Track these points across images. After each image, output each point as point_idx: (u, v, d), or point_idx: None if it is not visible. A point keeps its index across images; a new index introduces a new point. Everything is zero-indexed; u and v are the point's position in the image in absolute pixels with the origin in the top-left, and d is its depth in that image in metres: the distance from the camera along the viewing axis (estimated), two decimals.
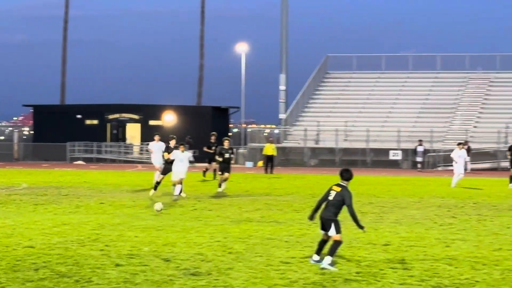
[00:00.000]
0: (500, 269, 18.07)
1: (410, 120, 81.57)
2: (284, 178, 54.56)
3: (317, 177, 57.34)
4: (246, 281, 16.37)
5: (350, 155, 77.49)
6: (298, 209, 31.87)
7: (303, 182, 51.05)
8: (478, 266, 18.53)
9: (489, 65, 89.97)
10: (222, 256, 19.66)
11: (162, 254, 19.32)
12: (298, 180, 54.08)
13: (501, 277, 17.14)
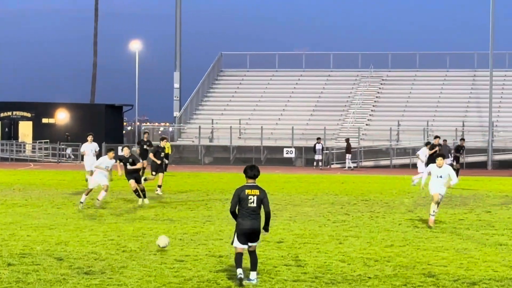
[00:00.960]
0: (391, 265, 18.39)
1: (304, 118, 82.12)
2: (178, 176, 54.35)
3: (211, 175, 57.55)
4: (140, 280, 16.36)
5: (244, 153, 77.91)
6: (192, 207, 31.94)
7: (197, 180, 51.01)
8: (371, 262, 18.82)
9: (381, 64, 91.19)
10: (116, 255, 19.61)
11: (55, 253, 19.12)
12: (192, 178, 54.08)
13: (393, 273, 17.42)
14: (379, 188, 44.83)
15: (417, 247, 21.41)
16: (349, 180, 53.07)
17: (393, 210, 31.87)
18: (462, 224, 26.76)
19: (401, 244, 21.91)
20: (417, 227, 25.88)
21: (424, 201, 35.04)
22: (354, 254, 19.94)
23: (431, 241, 22.50)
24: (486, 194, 40.44)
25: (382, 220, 28.11)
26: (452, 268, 17.99)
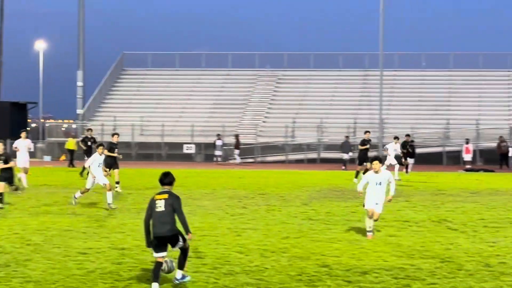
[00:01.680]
0: (287, 256, 18.58)
1: (204, 115, 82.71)
2: None
3: None
4: (44, 272, 16.22)
5: (146, 149, 78.18)
6: (96, 201, 31.68)
7: None
8: (267, 253, 18.98)
9: (277, 63, 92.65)
10: (20, 248, 19.41)
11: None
12: None
13: (288, 264, 17.59)
14: (275, 182, 45.23)
15: (312, 238, 21.69)
16: (246, 175, 53.43)
17: (289, 203, 32.13)
18: (354, 216, 27.05)
19: (296, 236, 22.15)
20: (312, 220, 26.18)
21: (318, 195, 35.57)
22: (251, 245, 20.10)
23: (325, 233, 22.78)
24: None
25: (278, 213, 28.37)
26: (344, 258, 18.23)
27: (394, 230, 23.56)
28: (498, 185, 44.98)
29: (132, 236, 21.65)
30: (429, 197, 35.56)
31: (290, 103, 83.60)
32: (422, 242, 21.15)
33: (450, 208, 30.13)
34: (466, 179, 50.85)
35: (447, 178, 51.36)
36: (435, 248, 19.91)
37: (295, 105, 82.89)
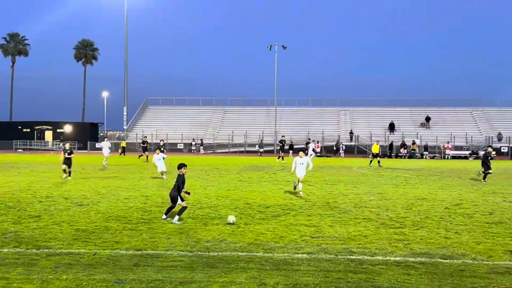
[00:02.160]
0: (229, 199, 19.61)
1: (188, 131, 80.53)
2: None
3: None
4: (106, 208, 17.09)
5: None
6: (133, 173, 31.76)
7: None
8: (219, 198, 19.86)
9: (224, 102, 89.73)
10: (94, 195, 20.07)
11: None
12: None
13: (230, 203, 18.69)
14: (222, 162, 45.30)
15: (241, 190, 22.34)
16: (208, 159, 53.19)
17: (230, 172, 32.43)
18: (263, 179, 27.78)
19: (234, 189, 22.75)
20: (241, 181, 26.76)
21: (244, 168, 36.85)
22: (211, 194, 20.86)
23: (248, 188, 23.44)
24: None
25: (225, 177, 28.80)
26: (258, 200, 19.27)
27: (281, 186, 24.67)
28: (333, 163, 47.23)
29: (151, 190, 23.12)
30: None
31: (231, 125, 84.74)
32: (297, 191, 21.99)
33: (309, 173, 30.50)
34: (319, 160, 52.19)
35: (313, 160, 52.81)
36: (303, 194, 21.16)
37: (234, 125, 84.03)
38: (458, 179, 30.05)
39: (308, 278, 9.45)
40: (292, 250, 11.69)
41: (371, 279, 9.42)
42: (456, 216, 16.34)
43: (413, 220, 15.62)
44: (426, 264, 10.51)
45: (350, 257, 11.05)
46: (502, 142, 70.44)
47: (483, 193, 22.56)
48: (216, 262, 10.59)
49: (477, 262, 10.81)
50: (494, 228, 14.51)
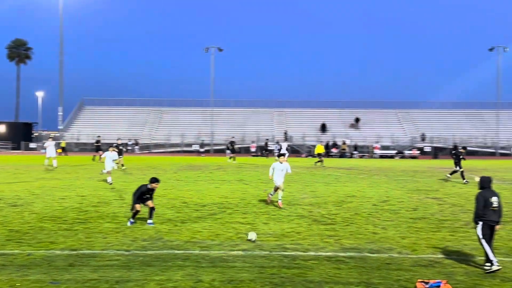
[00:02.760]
0: (166, 198, 19.43)
1: (125, 131, 78.02)
2: None
3: None
4: (41, 208, 16.71)
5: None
6: (69, 173, 30.91)
7: None
8: (156, 196, 19.07)
9: (161, 103, 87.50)
10: (29, 196, 19.54)
11: None
12: None
13: (167, 202, 18.53)
14: (160, 162, 44.61)
15: (178, 189, 22.21)
16: (146, 158, 52.76)
17: (167, 172, 31.94)
18: (200, 178, 27.76)
19: (171, 188, 22.60)
20: (178, 180, 26.54)
21: (181, 168, 36.61)
22: None
23: (185, 187, 23.36)
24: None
25: (161, 176, 28.22)
26: (194, 199, 19.24)
27: (217, 184, 24.83)
28: (265, 162, 47.51)
29: (87, 190, 22.59)
30: (235, 169, 36.40)
31: (168, 125, 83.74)
32: (233, 189, 22.40)
33: (246, 172, 31.20)
34: (253, 159, 52.22)
35: (247, 159, 52.73)
36: (238, 193, 21.40)
37: (170, 125, 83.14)
38: (385, 177, 30.91)
39: (243, 274, 9.50)
40: (227, 247, 11.72)
41: (304, 274, 9.56)
42: (383, 212, 16.81)
43: (343, 216, 15.96)
44: (355, 259, 10.75)
45: (284, 253, 11.18)
46: (425, 142, 73.02)
47: (408, 190, 23.32)
48: (153, 260, 10.49)
49: (402, 255, 11.16)
50: (418, 223, 15.02)
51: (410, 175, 32.91)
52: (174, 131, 77.25)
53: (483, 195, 10.00)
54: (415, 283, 8.79)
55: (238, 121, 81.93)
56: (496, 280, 9.29)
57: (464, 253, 11.36)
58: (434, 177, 30.96)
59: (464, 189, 24.10)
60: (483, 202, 9.92)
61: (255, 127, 79.33)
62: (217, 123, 79.07)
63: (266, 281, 9.05)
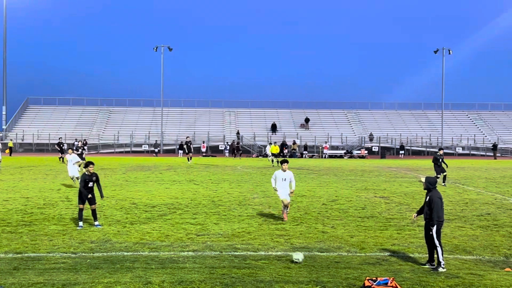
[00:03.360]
0: (115, 199, 19.20)
1: (71, 131, 76.86)
2: None
3: None
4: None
5: (42, 146, 73.68)
6: (12, 174, 30.32)
7: None
8: (105, 198, 19.71)
9: (110, 103, 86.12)
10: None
11: None
12: None
13: (115, 203, 18.31)
14: (108, 163, 44.02)
15: (127, 190, 21.97)
16: (93, 159, 52.45)
17: (116, 172, 31.63)
18: (149, 179, 27.54)
19: (120, 188, 22.39)
20: (127, 180, 26.31)
21: (131, 168, 36.23)
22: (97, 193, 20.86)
23: (134, 188, 23.16)
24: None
25: (110, 177, 28.09)
26: (144, 200, 19.05)
27: (167, 185, 24.65)
28: (218, 163, 47.10)
29: (32, 191, 22.08)
30: (185, 169, 36.05)
31: (117, 125, 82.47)
32: (182, 190, 22.27)
33: (196, 173, 30.91)
34: (203, 159, 52.03)
35: (197, 159, 52.16)
36: (188, 193, 21.25)
37: (119, 125, 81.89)
38: (334, 176, 31.34)
39: (193, 275, 9.44)
40: (178, 248, 11.64)
41: (254, 274, 9.59)
42: (332, 212, 17.04)
43: (293, 216, 16.10)
44: (305, 258, 10.82)
45: (234, 253, 11.20)
46: (373, 142, 74.46)
47: (357, 190, 23.72)
48: (101, 262, 10.30)
49: (351, 254, 11.34)
50: (366, 221, 15.30)
51: (359, 174, 33.46)
52: (123, 131, 76.16)
53: (438, 196, 10.18)
54: (363, 281, 8.94)
55: (189, 121, 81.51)
56: (441, 276, 9.55)
57: (411, 251, 11.63)
58: (382, 177, 31.60)
59: (410, 188, 24.69)
60: (441, 204, 10.14)
61: (206, 127, 79.10)
62: (167, 123, 78.46)
63: (217, 282, 9.03)
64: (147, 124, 79.92)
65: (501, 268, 10.32)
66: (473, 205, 18.89)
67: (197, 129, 77.53)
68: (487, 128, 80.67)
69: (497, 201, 20.00)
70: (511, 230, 14.11)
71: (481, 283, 9.03)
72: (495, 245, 12.30)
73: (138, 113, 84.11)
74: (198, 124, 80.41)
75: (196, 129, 77.49)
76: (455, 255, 11.29)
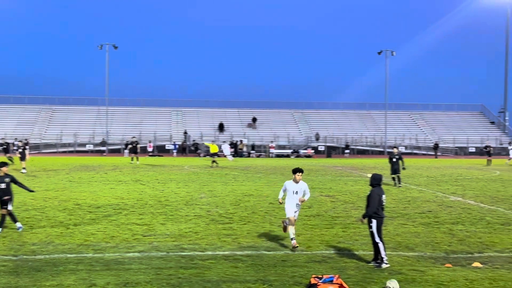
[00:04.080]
0: (57, 200, 18.79)
1: (16, 131, 75.26)
2: None
3: None
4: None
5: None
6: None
7: None
8: (47, 199, 19.01)
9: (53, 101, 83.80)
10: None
11: None
12: None
13: (58, 204, 17.93)
14: (52, 163, 43.10)
15: (70, 191, 21.57)
16: (32, 158, 51.14)
17: (59, 173, 30.99)
18: (94, 179, 27.16)
19: (63, 189, 21.90)
20: (71, 181, 25.79)
21: (74, 169, 35.44)
22: (37, 194, 19.85)
23: (77, 188, 22.71)
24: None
25: (53, 178, 27.52)
26: (88, 200, 18.74)
27: (113, 185, 24.19)
28: (165, 162, 47.02)
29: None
30: (131, 169, 35.72)
31: (60, 124, 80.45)
32: (128, 190, 22.02)
33: (143, 173, 30.83)
34: (150, 159, 51.34)
35: (144, 159, 51.21)
36: (134, 194, 20.96)
37: (62, 124, 79.95)
38: (281, 176, 31.59)
39: (139, 276, 9.34)
40: (123, 249, 11.48)
41: (201, 274, 9.56)
42: (279, 211, 17.15)
43: (240, 215, 16.14)
44: (252, 257, 10.90)
45: (181, 254, 11.14)
46: (319, 141, 75.45)
47: None
48: (43, 265, 10.05)
49: (297, 252, 11.46)
50: (313, 220, 15.50)
51: (305, 173, 33.74)
52: (67, 131, 74.44)
53: (377, 192, 10.32)
54: (309, 278, 9.05)
55: (135, 120, 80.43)
56: (384, 273, 9.78)
57: (356, 248, 11.85)
58: (328, 176, 32.06)
59: (355, 186, 25.14)
60: (378, 200, 10.26)
61: (153, 126, 78.26)
62: (113, 123, 77.19)
63: (163, 282, 8.96)
64: (92, 124, 78.40)
65: (442, 264, 10.64)
66: (415, 203, 19.40)
67: (143, 129, 76.60)
68: (429, 128, 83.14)
69: (438, 199, 20.61)
70: (451, 227, 14.57)
71: (423, 279, 9.30)
72: (436, 241, 12.68)
73: (82, 112, 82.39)
74: (144, 123, 79.44)
75: (143, 129, 76.56)
76: (398, 252, 11.57)
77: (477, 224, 15.04)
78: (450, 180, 29.30)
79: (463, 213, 16.95)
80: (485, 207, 18.54)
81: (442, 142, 76.62)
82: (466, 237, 13.19)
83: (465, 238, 13.12)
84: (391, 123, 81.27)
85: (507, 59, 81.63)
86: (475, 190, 23.88)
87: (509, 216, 16.46)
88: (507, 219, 15.87)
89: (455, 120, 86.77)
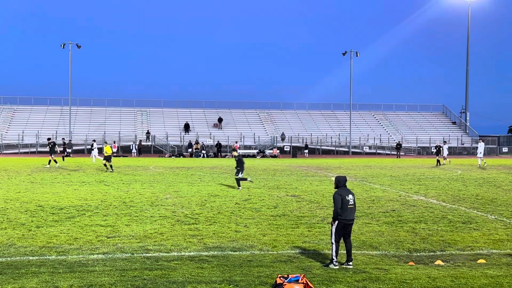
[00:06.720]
0: (20, 202, 18.47)
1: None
2: None
3: None
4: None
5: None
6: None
7: None
8: (9, 200, 18.67)
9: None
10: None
11: None
12: None
13: (21, 207, 17.64)
14: (20, 163, 42.91)
15: (33, 192, 21.23)
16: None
17: (21, 174, 30.47)
18: (57, 180, 26.70)
19: (25, 191, 21.56)
20: (33, 182, 25.38)
21: (37, 170, 34.83)
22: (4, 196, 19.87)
23: (41, 189, 22.34)
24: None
25: (14, 179, 27.10)
26: (51, 202, 18.53)
27: (76, 186, 23.98)
28: (130, 163, 46.64)
29: None
30: (95, 170, 35.16)
31: (21, 124, 78.98)
32: (91, 191, 21.60)
33: (107, 173, 30.33)
34: (114, 160, 50.87)
35: None
36: (98, 195, 20.66)
37: (24, 125, 78.55)
38: (247, 176, 31.56)
39: (103, 279, 9.21)
40: (87, 251, 11.32)
41: (167, 275, 9.49)
42: (245, 211, 17.18)
43: (206, 216, 16.09)
44: (218, 257, 10.87)
45: (146, 255, 11.04)
46: (285, 141, 75.81)
47: (269, 188, 24.04)
48: (4, 268, 9.82)
49: (263, 252, 11.48)
50: (278, 220, 15.55)
51: (271, 173, 33.94)
52: (28, 131, 73.00)
53: (340, 193, 10.30)
54: (275, 278, 9.07)
55: (99, 120, 79.40)
56: (349, 272, 9.87)
57: (321, 248, 11.94)
58: (293, 175, 32.22)
59: (320, 186, 25.34)
60: (341, 201, 10.24)
61: (117, 127, 77.40)
62: (76, 123, 76.06)
63: (128, 284, 8.85)
64: (55, 124, 77.13)
65: (405, 262, 10.80)
66: (379, 202, 19.66)
67: (107, 129, 75.66)
68: (392, 128, 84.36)
69: (401, 198, 20.93)
70: (414, 226, 14.80)
71: (387, 277, 9.42)
72: (399, 240, 12.86)
73: (44, 112, 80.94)
74: (108, 123, 78.49)
75: (107, 129, 75.61)
76: (363, 251, 11.70)
77: (439, 222, 15.31)
78: (413, 180, 29.78)
79: (425, 212, 17.23)
80: (447, 206, 18.89)
81: (405, 142, 77.82)
82: (428, 236, 13.40)
83: (427, 236, 13.34)
84: (356, 123, 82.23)
85: (468, 61, 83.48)
86: (437, 189, 24.31)
87: (470, 215, 16.80)
88: (468, 218, 16.20)
89: (417, 120, 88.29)
